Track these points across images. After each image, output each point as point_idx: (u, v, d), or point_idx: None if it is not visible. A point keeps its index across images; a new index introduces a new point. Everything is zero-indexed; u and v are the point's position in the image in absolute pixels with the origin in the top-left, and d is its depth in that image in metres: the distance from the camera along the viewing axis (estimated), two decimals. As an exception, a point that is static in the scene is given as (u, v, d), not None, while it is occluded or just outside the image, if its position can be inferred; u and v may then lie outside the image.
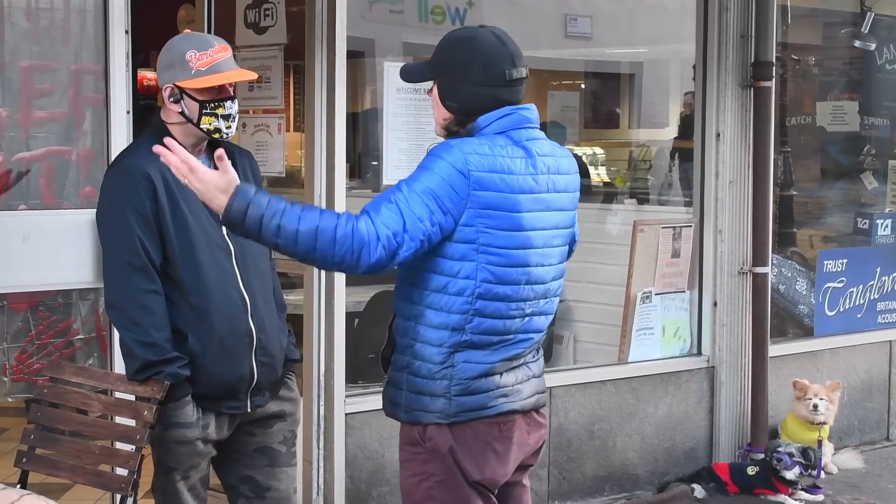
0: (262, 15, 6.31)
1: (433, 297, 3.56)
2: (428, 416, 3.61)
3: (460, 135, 3.63)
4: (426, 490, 3.65)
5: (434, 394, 3.59)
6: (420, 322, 3.59)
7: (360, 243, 3.38)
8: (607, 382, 7.09)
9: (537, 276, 3.64)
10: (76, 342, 5.08)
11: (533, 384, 3.74)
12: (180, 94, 4.08)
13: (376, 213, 3.43)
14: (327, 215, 3.41)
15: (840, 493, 7.19)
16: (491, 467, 3.64)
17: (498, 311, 3.58)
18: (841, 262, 8.26)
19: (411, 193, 3.46)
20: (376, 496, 6.16)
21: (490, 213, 3.52)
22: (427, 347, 3.59)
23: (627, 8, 8.46)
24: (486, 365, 3.60)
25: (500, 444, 3.65)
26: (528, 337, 3.68)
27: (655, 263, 7.33)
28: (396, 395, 3.67)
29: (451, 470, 3.62)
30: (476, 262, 3.53)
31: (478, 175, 3.50)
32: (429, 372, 3.59)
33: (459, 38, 3.67)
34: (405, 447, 3.70)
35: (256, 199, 3.39)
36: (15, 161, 4.94)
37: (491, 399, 3.61)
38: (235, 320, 4.11)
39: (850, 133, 8.99)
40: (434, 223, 3.47)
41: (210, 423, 4.14)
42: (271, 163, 6.39)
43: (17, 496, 3.88)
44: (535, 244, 3.61)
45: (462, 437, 3.61)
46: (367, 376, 6.30)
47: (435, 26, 7.49)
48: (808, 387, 7.33)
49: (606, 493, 7.08)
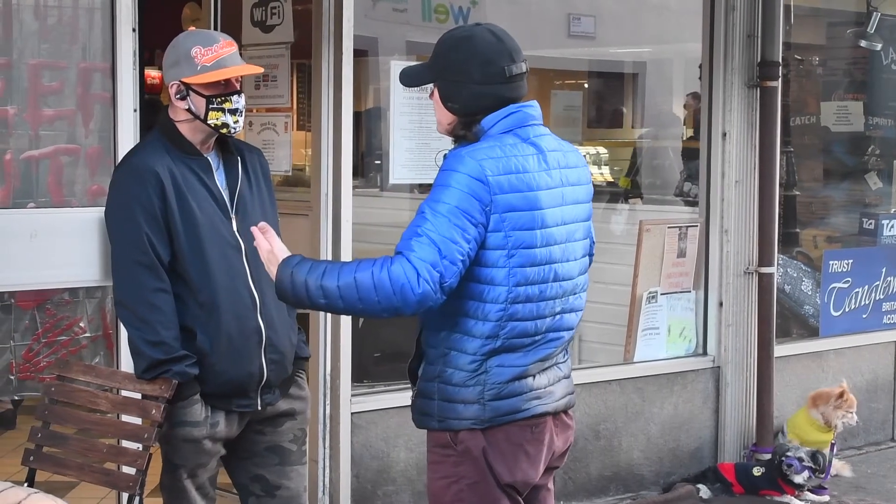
0: (269, 13, 6.31)
1: (469, 306, 3.53)
2: (462, 423, 3.57)
3: (467, 139, 3.60)
4: (456, 493, 3.61)
5: (467, 401, 3.56)
6: (455, 331, 3.55)
7: (398, 284, 3.38)
8: (613, 382, 7.08)
9: (564, 272, 3.62)
10: (83, 340, 5.07)
11: (564, 385, 3.72)
12: (186, 91, 4.07)
13: (409, 250, 3.42)
14: (363, 265, 3.43)
15: (845, 494, 7.18)
16: (523, 470, 3.62)
17: (529, 313, 3.55)
18: (846, 263, 8.25)
19: (437, 218, 3.43)
20: (382, 495, 6.15)
21: (513, 214, 3.50)
22: (461, 356, 3.55)
23: (631, 7, 8.46)
24: (520, 368, 3.58)
25: (531, 447, 3.63)
26: (558, 336, 3.66)
27: (661, 263, 7.33)
28: (428, 406, 3.62)
29: (483, 472, 3.58)
30: (507, 268, 3.51)
31: (495, 179, 3.48)
32: (461, 379, 3.55)
33: (456, 38, 3.64)
34: (434, 449, 3.66)
35: (298, 266, 3.49)
36: (23, 159, 4.93)
37: (524, 402, 3.58)
38: (244, 318, 4.11)
39: (855, 133, 8.99)
40: (469, 240, 3.45)
41: (219, 422, 4.13)
42: (277, 161, 6.39)
43: (24, 494, 3.88)
44: (558, 240, 3.60)
45: (495, 439, 3.58)
46: (372, 376, 6.30)
47: (438, 25, 7.48)
48: (854, 401, 7.29)
49: (612, 493, 7.07)
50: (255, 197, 4.21)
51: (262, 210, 4.21)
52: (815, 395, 7.39)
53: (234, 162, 4.20)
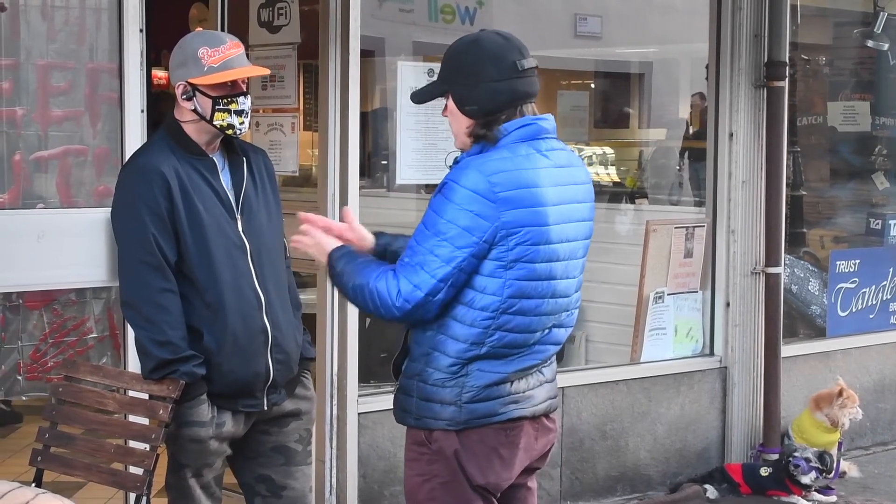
0: (276, 14, 6.31)
1: (457, 309, 3.54)
2: (438, 423, 3.60)
3: (487, 138, 3.59)
4: (429, 491, 3.64)
5: (444, 401, 3.58)
6: (441, 332, 3.57)
7: (382, 300, 3.53)
8: (620, 382, 7.08)
9: (562, 289, 3.62)
10: (90, 341, 5.07)
11: (545, 389, 3.72)
12: (193, 92, 4.07)
13: (401, 268, 3.53)
14: (367, 273, 3.59)
15: (853, 494, 7.17)
16: (495, 472, 3.63)
17: (520, 326, 3.56)
18: (853, 263, 8.23)
19: (434, 235, 3.48)
20: (389, 495, 6.15)
21: (520, 230, 3.50)
22: (443, 357, 3.57)
23: (637, 7, 8.46)
24: (500, 374, 3.59)
25: (506, 450, 3.64)
26: (545, 349, 3.67)
27: (668, 263, 7.32)
28: (407, 403, 3.66)
29: (455, 473, 3.61)
30: (503, 279, 3.51)
31: (505, 195, 3.48)
32: (440, 380, 3.57)
33: (464, 44, 3.65)
34: (411, 446, 3.70)
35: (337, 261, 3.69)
36: (33, 160, 4.94)
37: (501, 406, 3.60)
38: (250, 318, 4.11)
39: (862, 133, 8.98)
40: (465, 259, 3.48)
41: (226, 422, 4.14)
42: (284, 162, 6.39)
43: (32, 495, 3.89)
44: (560, 256, 3.60)
45: (468, 441, 3.60)
46: (379, 376, 6.29)
47: (445, 25, 7.49)
48: (855, 395, 7.29)
49: (619, 493, 7.07)
50: (260, 197, 4.21)
51: (267, 211, 4.22)
52: (816, 397, 7.38)
53: (240, 163, 4.21)
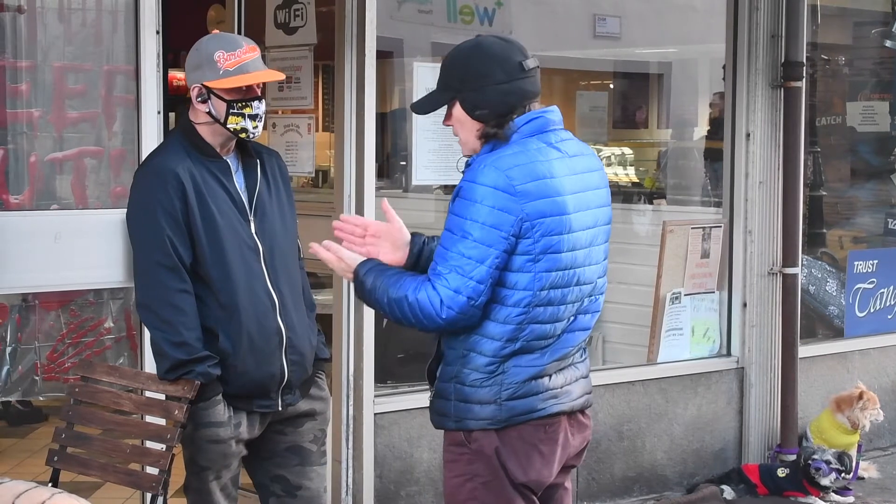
0: (292, 15, 6.33)
1: (491, 308, 3.53)
2: (478, 423, 3.59)
3: (498, 136, 3.60)
4: (470, 490, 3.63)
5: (483, 401, 3.57)
6: (476, 332, 3.56)
7: (426, 312, 3.50)
8: (636, 383, 7.08)
9: (586, 276, 3.63)
10: (107, 341, 5.10)
11: (581, 385, 3.74)
12: (208, 94, 4.09)
13: (436, 276, 3.50)
14: (404, 284, 3.55)
15: (870, 495, 7.15)
16: (536, 469, 3.63)
17: (549, 316, 3.56)
18: (871, 263, 8.21)
19: (464, 238, 3.47)
20: (405, 496, 6.16)
21: (542, 220, 3.50)
22: (480, 357, 3.57)
23: (656, 8, 8.43)
24: (537, 368, 3.59)
25: (545, 446, 3.64)
26: (574, 336, 3.67)
27: (685, 264, 7.32)
28: (445, 406, 3.64)
29: (496, 471, 3.60)
30: (533, 273, 3.52)
31: (524, 188, 3.48)
32: (478, 380, 3.57)
33: (466, 49, 3.66)
34: (450, 448, 3.68)
35: (365, 276, 3.63)
36: (48, 161, 4.97)
37: (541, 401, 3.60)
38: (264, 318, 4.13)
39: (881, 133, 8.95)
40: (498, 255, 3.48)
41: (242, 422, 4.15)
42: (301, 163, 6.40)
43: (48, 494, 3.91)
44: (583, 244, 3.61)
45: (508, 439, 3.59)
46: (395, 376, 6.30)
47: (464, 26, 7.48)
48: (875, 397, 7.27)
49: (635, 493, 7.06)
50: (273, 199, 4.23)
51: (281, 212, 4.24)
52: (837, 399, 7.35)
53: (254, 164, 4.23)
